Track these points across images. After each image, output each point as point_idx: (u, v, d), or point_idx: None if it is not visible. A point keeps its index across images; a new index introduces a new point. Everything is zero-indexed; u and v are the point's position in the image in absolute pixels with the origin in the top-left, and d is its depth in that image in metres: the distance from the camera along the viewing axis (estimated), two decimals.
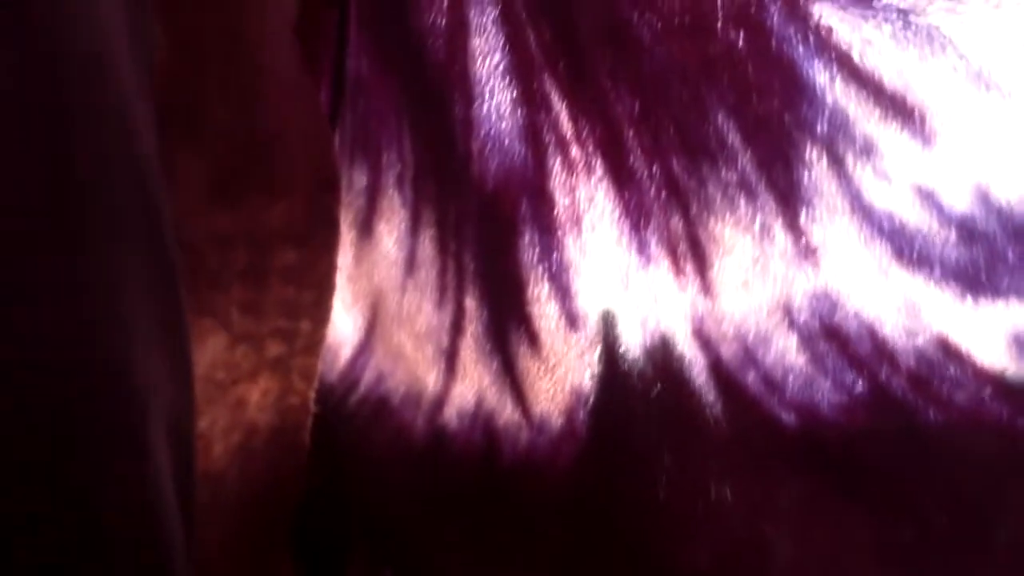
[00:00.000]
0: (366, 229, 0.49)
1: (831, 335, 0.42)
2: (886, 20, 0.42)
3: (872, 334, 0.42)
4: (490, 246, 0.46)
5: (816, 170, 0.42)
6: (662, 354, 0.44)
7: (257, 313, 0.47)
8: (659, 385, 0.44)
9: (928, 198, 0.42)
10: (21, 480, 0.31)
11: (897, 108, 0.42)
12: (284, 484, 0.48)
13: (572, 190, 0.45)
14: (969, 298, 0.41)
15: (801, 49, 0.42)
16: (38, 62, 0.32)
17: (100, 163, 0.34)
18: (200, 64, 0.43)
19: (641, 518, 0.44)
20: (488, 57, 0.45)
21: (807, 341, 0.43)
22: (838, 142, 0.42)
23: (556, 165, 0.45)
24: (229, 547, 0.48)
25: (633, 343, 0.44)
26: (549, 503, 0.46)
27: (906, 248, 0.42)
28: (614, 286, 0.45)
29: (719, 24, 0.42)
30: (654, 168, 0.44)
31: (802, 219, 0.43)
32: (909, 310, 0.42)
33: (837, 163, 0.42)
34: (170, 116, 0.38)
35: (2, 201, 0.31)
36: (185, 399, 0.38)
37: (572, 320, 0.45)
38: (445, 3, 0.46)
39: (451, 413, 0.47)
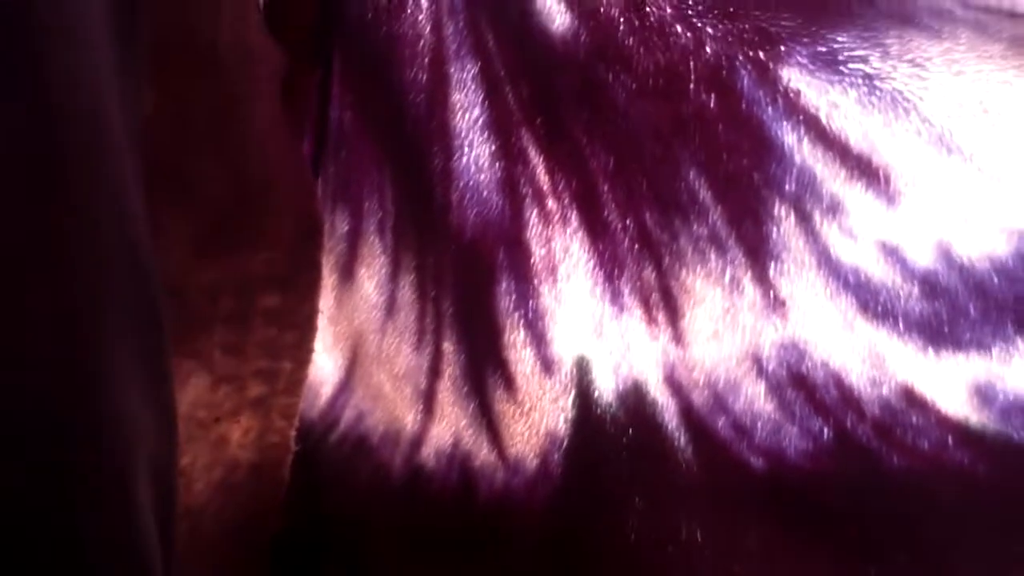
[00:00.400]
0: (347, 274, 0.49)
1: (798, 383, 0.43)
2: (852, 85, 0.42)
3: (838, 383, 0.43)
4: (468, 292, 0.47)
5: (784, 226, 0.43)
6: (635, 400, 0.45)
7: (240, 355, 0.47)
8: (631, 430, 0.45)
9: (892, 254, 0.43)
10: (9, 518, 0.32)
11: (863, 169, 0.43)
12: (264, 519, 0.49)
13: (548, 241, 0.46)
14: (931, 350, 0.42)
15: (770, 111, 0.43)
16: (40, 115, 0.33)
17: (90, 216, 0.34)
18: (188, 123, 0.43)
19: (613, 558, 0.45)
20: (468, 112, 0.46)
21: (775, 389, 0.43)
22: (806, 200, 0.43)
23: (533, 216, 0.46)
24: None
25: (606, 389, 0.45)
26: (524, 542, 0.46)
27: (871, 301, 0.43)
28: (588, 334, 0.45)
29: (691, 86, 0.43)
30: (628, 221, 0.45)
31: (771, 272, 0.43)
32: (874, 360, 0.43)
33: (805, 220, 0.43)
34: (159, 172, 0.38)
35: None
36: (168, 437, 0.39)
37: (547, 366, 0.46)
38: (427, 59, 0.46)
39: (429, 453, 0.48)
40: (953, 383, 0.42)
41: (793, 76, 0.43)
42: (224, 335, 0.46)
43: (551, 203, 0.46)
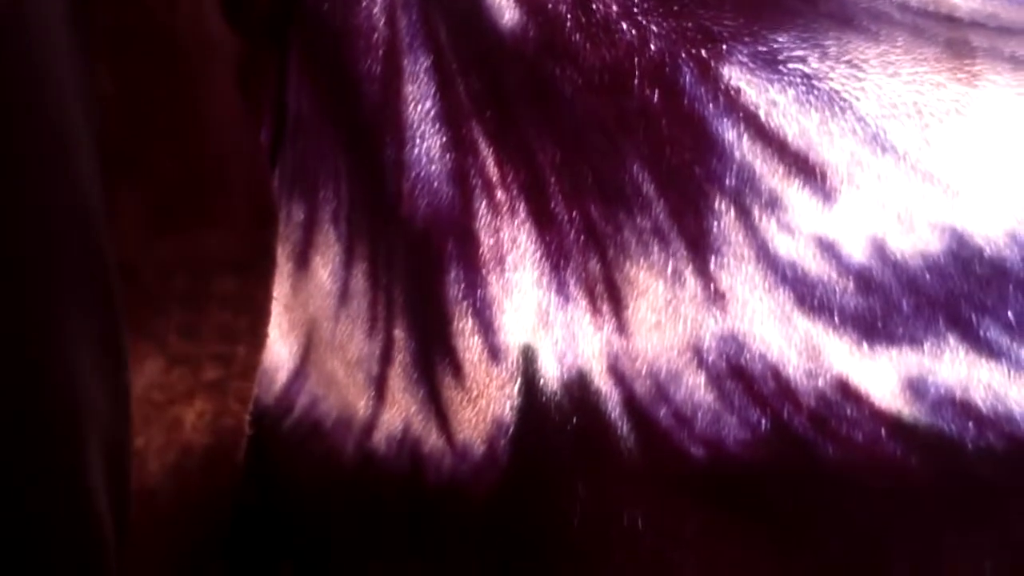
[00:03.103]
0: (302, 261, 0.50)
1: (737, 375, 0.44)
2: (791, 84, 0.43)
3: (776, 375, 0.44)
4: (419, 281, 0.47)
5: (725, 220, 0.44)
6: (579, 388, 0.45)
7: (195, 337, 0.47)
8: (576, 418, 0.45)
9: (828, 249, 0.43)
10: None
11: (800, 166, 0.43)
12: (218, 502, 0.49)
13: (496, 231, 0.46)
14: (866, 344, 0.43)
15: (711, 107, 0.44)
16: None
17: (43, 191, 0.34)
18: (144, 105, 0.44)
19: (557, 542, 0.46)
20: (420, 103, 0.47)
21: (715, 380, 0.44)
22: (745, 195, 0.44)
23: (482, 207, 0.46)
24: (163, 561, 0.48)
25: (551, 377, 0.46)
26: (471, 525, 0.47)
27: (807, 295, 0.43)
28: (534, 323, 0.46)
29: (636, 82, 0.44)
30: (574, 213, 0.46)
31: (711, 265, 0.44)
32: (810, 353, 0.43)
33: (744, 214, 0.44)
34: (113, 150, 0.39)
35: None
36: (121, 418, 0.39)
37: (494, 354, 0.46)
38: (381, 51, 0.47)
39: (380, 438, 0.48)
40: (887, 377, 0.43)
41: (734, 74, 0.44)
42: (179, 317, 0.47)
43: (500, 194, 0.46)
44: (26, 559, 0.33)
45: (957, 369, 0.43)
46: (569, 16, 0.44)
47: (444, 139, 0.46)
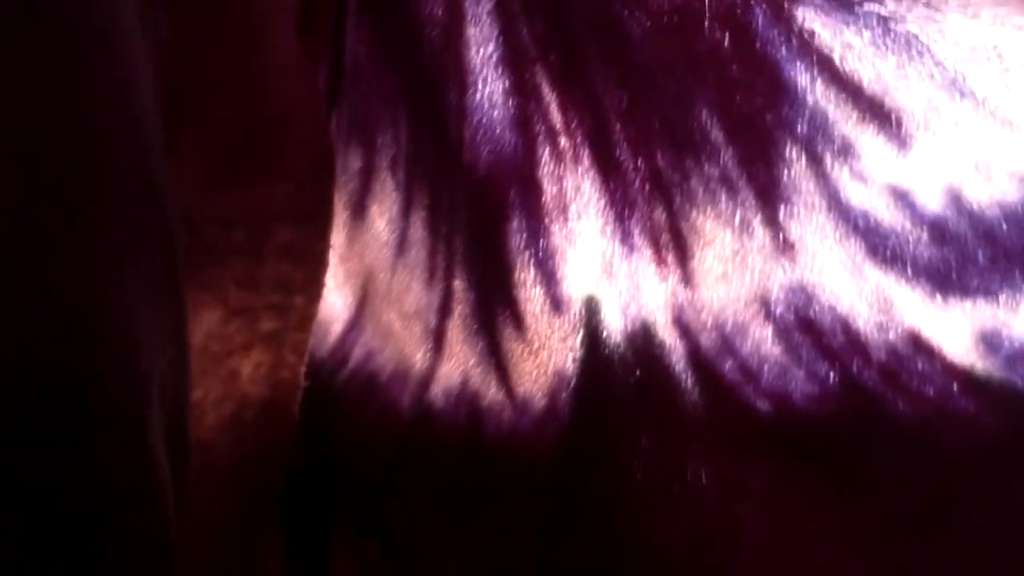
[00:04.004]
0: (359, 210, 0.49)
1: (806, 327, 0.43)
2: (867, 26, 0.42)
3: (845, 328, 0.43)
4: (479, 230, 0.47)
5: (795, 168, 0.43)
6: (643, 341, 0.45)
7: (253, 288, 0.47)
8: (639, 370, 0.45)
9: (902, 199, 0.43)
10: (26, 449, 0.32)
11: (875, 111, 0.43)
12: (274, 455, 0.49)
13: (560, 179, 0.46)
14: (939, 296, 0.42)
15: (784, 51, 0.43)
16: (61, 38, 0.33)
17: (106, 140, 0.34)
18: (205, 51, 0.43)
19: (619, 496, 0.45)
20: (482, 47, 0.46)
21: (782, 332, 0.44)
22: (817, 142, 0.43)
23: (545, 154, 0.46)
24: (219, 513, 0.49)
25: (615, 329, 0.45)
26: (530, 480, 0.46)
27: (880, 246, 0.43)
28: (598, 273, 0.46)
29: (706, 23, 0.43)
30: (639, 161, 0.45)
31: (780, 215, 0.44)
32: (881, 306, 0.43)
33: (816, 162, 0.43)
34: (175, 99, 0.38)
35: (10, 176, 0.32)
36: (181, 369, 0.39)
37: (556, 305, 0.46)
38: None
39: (437, 391, 0.48)
40: (960, 330, 0.42)
41: (807, 16, 0.43)
42: (239, 268, 0.47)
43: (564, 141, 0.46)
44: (87, 513, 0.33)
45: None
46: None
47: (507, 84, 0.46)
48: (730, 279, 0.44)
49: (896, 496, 0.43)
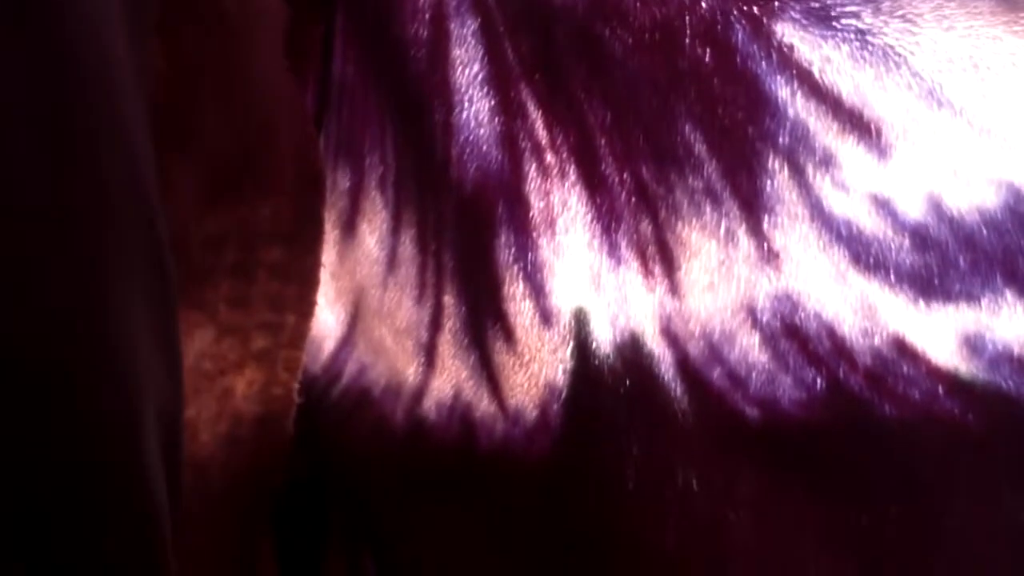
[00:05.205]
0: (349, 228, 0.50)
1: (792, 334, 0.44)
2: (845, 40, 0.43)
3: (831, 334, 0.43)
4: (468, 246, 0.47)
5: (778, 179, 0.44)
6: (632, 351, 0.45)
7: (245, 307, 0.47)
8: (628, 380, 0.45)
9: (884, 207, 0.43)
10: (17, 465, 0.32)
11: (855, 122, 0.43)
12: (268, 470, 0.49)
13: (547, 194, 0.46)
14: (922, 301, 0.43)
15: (764, 65, 0.43)
16: (50, 60, 0.32)
17: (101, 161, 0.34)
18: (194, 74, 0.44)
19: (611, 504, 0.45)
20: (468, 67, 0.46)
21: (769, 340, 0.44)
22: (799, 153, 0.43)
23: (531, 170, 0.46)
24: (215, 530, 0.49)
25: (604, 340, 0.46)
26: (523, 490, 0.47)
27: (863, 253, 0.43)
28: (586, 286, 0.46)
29: (687, 40, 0.44)
30: (624, 175, 0.45)
31: (765, 225, 0.44)
32: (866, 312, 0.43)
33: (798, 173, 0.43)
34: (164, 122, 0.39)
35: (4, 201, 0.32)
36: (175, 388, 0.39)
37: (546, 317, 0.46)
38: (427, 15, 0.47)
39: (430, 405, 0.48)
40: (943, 334, 0.43)
41: (787, 31, 0.43)
42: (229, 287, 0.47)
43: (550, 157, 0.46)
44: (81, 530, 0.33)
45: (1015, 325, 0.42)
46: None
47: (492, 102, 0.46)
48: (716, 289, 0.44)
49: (884, 498, 0.44)
